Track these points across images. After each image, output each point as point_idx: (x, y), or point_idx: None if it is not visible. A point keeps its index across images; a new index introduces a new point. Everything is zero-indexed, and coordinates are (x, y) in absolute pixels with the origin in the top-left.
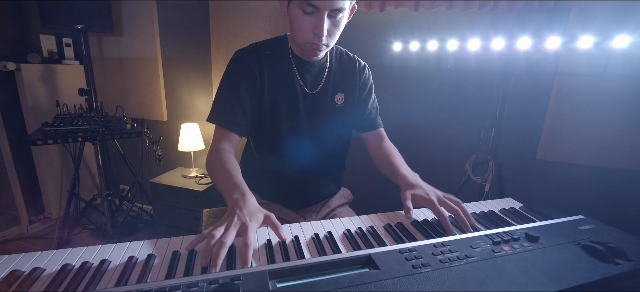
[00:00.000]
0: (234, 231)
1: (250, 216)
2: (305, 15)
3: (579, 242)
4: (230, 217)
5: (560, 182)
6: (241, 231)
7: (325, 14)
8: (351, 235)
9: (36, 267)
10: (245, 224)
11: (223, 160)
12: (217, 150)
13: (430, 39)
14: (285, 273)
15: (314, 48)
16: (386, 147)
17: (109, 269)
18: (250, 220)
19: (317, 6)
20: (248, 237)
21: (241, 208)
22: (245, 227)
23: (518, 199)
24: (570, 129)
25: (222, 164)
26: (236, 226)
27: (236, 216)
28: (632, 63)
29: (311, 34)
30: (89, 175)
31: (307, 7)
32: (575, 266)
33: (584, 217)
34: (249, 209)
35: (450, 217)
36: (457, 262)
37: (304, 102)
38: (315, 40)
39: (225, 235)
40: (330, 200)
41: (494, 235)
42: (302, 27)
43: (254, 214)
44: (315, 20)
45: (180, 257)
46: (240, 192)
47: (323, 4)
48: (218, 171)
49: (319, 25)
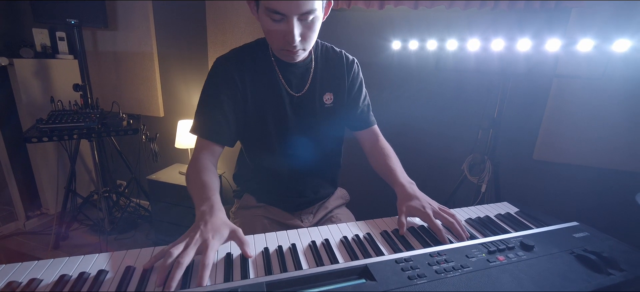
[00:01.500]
0: (193, 249)
1: (213, 233)
2: (274, 23)
3: (573, 251)
4: (192, 233)
5: (557, 182)
6: (201, 248)
7: (294, 19)
8: (348, 242)
9: (33, 278)
10: (206, 242)
11: (199, 171)
12: (195, 160)
13: (430, 38)
14: (283, 285)
15: (291, 53)
16: (382, 147)
17: (106, 280)
18: (212, 237)
19: (283, 13)
20: (207, 256)
21: (206, 223)
22: (206, 244)
23: (514, 201)
24: (567, 130)
25: (198, 175)
26: (196, 243)
27: (199, 231)
28: (631, 66)
29: (283, 41)
30: (85, 170)
31: (274, 14)
32: (568, 277)
33: (579, 224)
34: (214, 223)
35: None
36: (453, 272)
37: (290, 105)
38: (288, 47)
39: (183, 254)
40: (327, 201)
41: (490, 243)
42: (274, 35)
43: (218, 230)
44: (285, 26)
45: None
46: (209, 205)
47: (289, 10)
48: (193, 182)
49: (289, 31)
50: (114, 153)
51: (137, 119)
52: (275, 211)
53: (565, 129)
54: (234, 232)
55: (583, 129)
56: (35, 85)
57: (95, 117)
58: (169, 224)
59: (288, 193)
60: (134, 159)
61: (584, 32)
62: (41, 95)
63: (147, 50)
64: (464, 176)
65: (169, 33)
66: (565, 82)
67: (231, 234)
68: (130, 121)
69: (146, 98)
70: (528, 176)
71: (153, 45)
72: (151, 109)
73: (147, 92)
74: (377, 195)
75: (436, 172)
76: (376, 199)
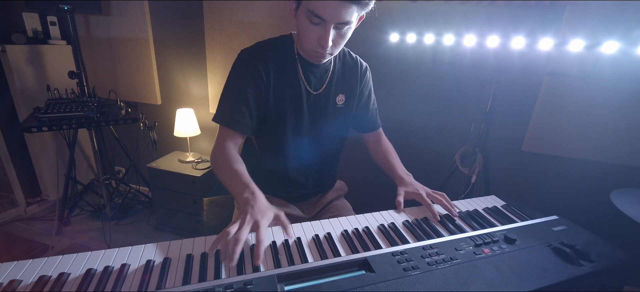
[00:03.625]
0: (247, 227)
1: (261, 215)
2: (312, 25)
3: (550, 244)
4: (243, 216)
5: (543, 172)
6: (253, 228)
7: (331, 26)
8: (348, 236)
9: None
10: (258, 222)
11: (230, 159)
12: (222, 149)
13: (428, 32)
14: (292, 277)
15: (319, 56)
16: (384, 145)
17: (129, 274)
18: (261, 218)
19: (323, 18)
20: (260, 234)
21: (252, 207)
22: (258, 224)
23: (502, 191)
24: (556, 124)
25: (229, 164)
26: (249, 223)
27: (248, 214)
28: (619, 67)
29: (316, 43)
30: (83, 157)
31: (314, 17)
32: (544, 268)
33: (558, 217)
34: (260, 207)
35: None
36: (443, 264)
37: (307, 102)
38: (319, 50)
39: (239, 232)
40: (326, 193)
41: (477, 237)
42: (308, 36)
43: (265, 213)
44: (321, 30)
45: (193, 260)
46: (250, 191)
47: (330, 16)
48: (226, 170)
49: (324, 36)
50: (112, 140)
51: (135, 108)
52: (278, 201)
53: (554, 123)
54: (278, 216)
55: (570, 124)
56: (28, 71)
57: (94, 106)
58: (169, 210)
59: (291, 185)
60: (132, 146)
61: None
62: (35, 82)
63: (142, 37)
64: (456, 166)
65: (165, 20)
66: (555, 80)
67: (276, 217)
68: (129, 110)
69: (143, 86)
70: (517, 167)
71: (149, 32)
72: (148, 97)
73: (144, 80)
74: (373, 186)
75: (430, 162)
76: (372, 190)
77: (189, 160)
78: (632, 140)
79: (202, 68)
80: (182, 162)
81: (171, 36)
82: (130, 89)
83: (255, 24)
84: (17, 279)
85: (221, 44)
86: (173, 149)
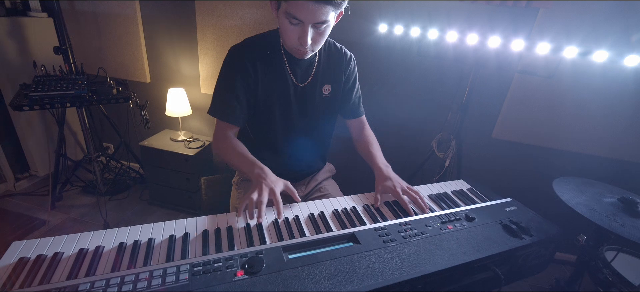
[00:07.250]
0: (266, 193)
1: (274, 184)
2: (291, 25)
3: (501, 221)
4: (259, 186)
5: (509, 157)
6: (270, 194)
7: (309, 25)
8: (338, 214)
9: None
10: (273, 189)
11: (233, 145)
12: (224, 137)
13: (413, 25)
14: (294, 248)
15: (301, 53)
16: (366, 135)
17: (155, 246)
18: (275, 186)
19: (301, 19)
20: (277, 197)
21: (265, 178)
22: (273, 191)
23: (471, 175)
24: (523, 115)
25: (234, 149)
26: (266, 190)
27: (263, 184)
28: (578, 69)
29: (297, 41)
30: (70, 133)
31: (292, 19)
32: (493, 240)
33: (511, 199)
34: (272, 178)
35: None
36: (415, 238)
37: (294, 94)
38: (300, 48)
39: (260, 197)
40: (317, 174)
41: (443, 216)
42: (289, 35)
43: (276, 182)
44: (300, 30)
45: (209, 235)
46: (259, 167)
47: (306, 17)
48: (233, 154)
49: (303, 36)
50: (102, 118)
51: (125, 86)
52: None
53: (521, 114)
54: (287, 185)
55: (535, 116)
56: (10, 45)
57: (84, 84)
58: (161, 186)
59: (285, 168)
60: (122, 124)
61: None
62: (18, 57)
63: (129, 13)
64: (433, 151)
65: None
66: (524, 77)
67: (285, 186)
68: (120, 89)
69: (131, 62)
70: (486, 151)
71: (136, 8)
72: (137, 75)
73: (132, 57)
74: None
75: (409, 147)
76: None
77: (180, 139)
78: (586, 131)
79: (193, 47)
80: (174, 140)
81: (160, 13)
82: (118, 66)
83: (246, 3)
84: (59, 251)
85: (212, 24)
86: (164, 127)
